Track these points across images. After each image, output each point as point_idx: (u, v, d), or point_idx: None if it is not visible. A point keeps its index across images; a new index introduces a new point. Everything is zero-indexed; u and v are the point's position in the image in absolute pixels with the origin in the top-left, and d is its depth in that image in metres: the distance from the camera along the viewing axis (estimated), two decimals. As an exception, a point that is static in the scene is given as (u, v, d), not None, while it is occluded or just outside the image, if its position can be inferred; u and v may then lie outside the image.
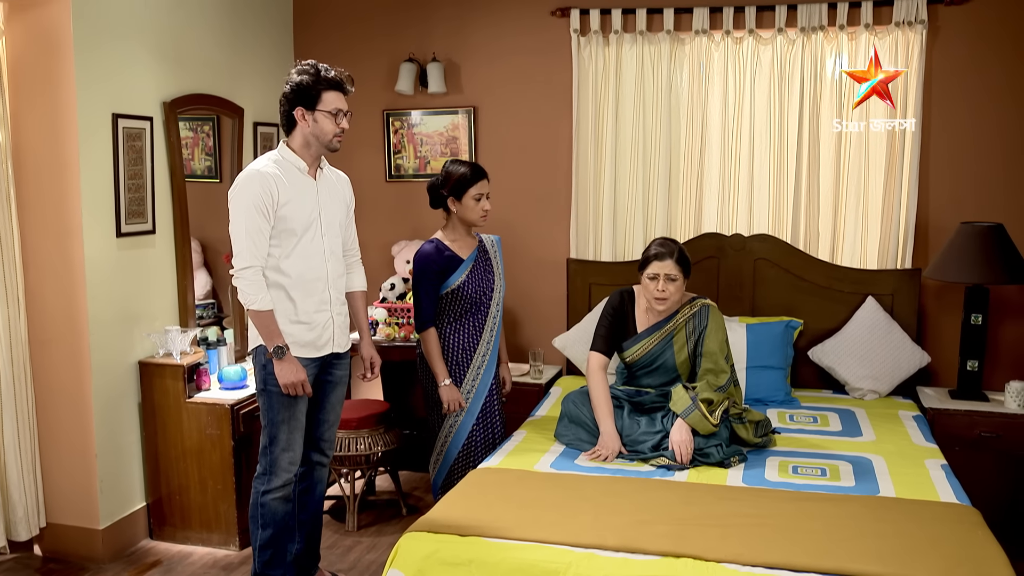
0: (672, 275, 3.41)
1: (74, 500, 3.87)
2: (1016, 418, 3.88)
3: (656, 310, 3.49)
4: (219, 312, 4.70)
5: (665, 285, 3.41)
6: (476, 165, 3.71)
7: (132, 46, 3.91)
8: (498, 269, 3.81)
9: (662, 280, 3.41)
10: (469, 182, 3.66)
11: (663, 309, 3.46)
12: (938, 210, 4.37)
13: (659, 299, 3.43)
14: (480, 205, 3.68)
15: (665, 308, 3.46)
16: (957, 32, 4.27)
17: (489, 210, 3.70)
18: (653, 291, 3.43)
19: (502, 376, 3.94)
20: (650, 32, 4.59)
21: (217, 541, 4.00)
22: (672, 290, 3.42)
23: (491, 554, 2.59)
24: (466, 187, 3.67)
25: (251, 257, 3.10)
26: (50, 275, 3.77)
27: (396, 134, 5.07)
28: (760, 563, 2.47)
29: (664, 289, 3.41)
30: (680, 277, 3.42)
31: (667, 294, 3.42)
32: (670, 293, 3.42)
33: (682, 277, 3.43)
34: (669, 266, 3.40)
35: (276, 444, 3.25)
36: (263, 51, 4.86)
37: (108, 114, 3.78)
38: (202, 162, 4.58)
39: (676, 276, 3.41)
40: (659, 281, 3.41)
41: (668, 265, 3.40)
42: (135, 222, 3.95)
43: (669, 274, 3.40)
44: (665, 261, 3.41)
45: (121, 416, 3.95)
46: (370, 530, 4.22)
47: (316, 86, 3.16)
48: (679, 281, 3.42)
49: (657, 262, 3.42)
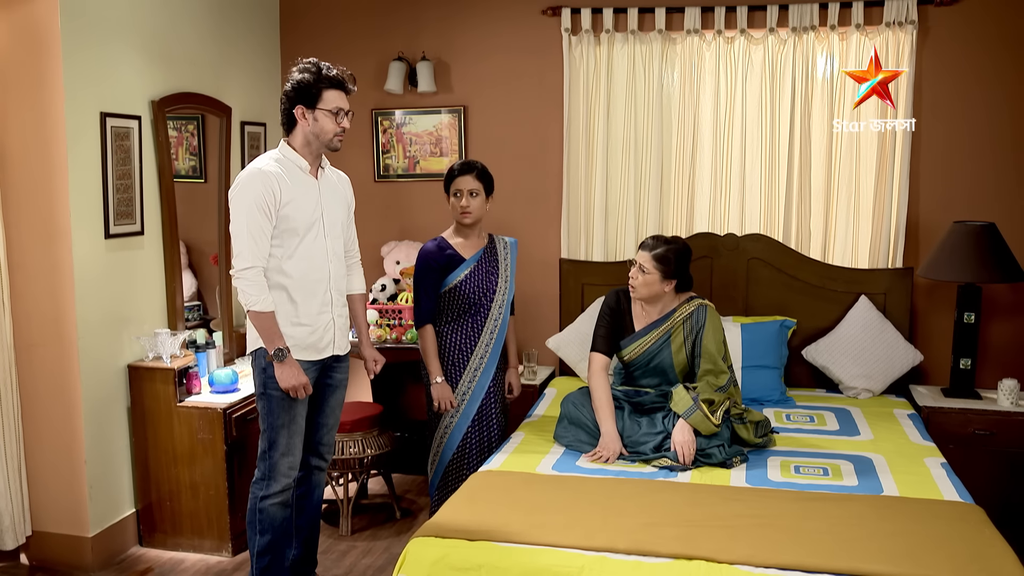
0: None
1: (62, 507, 3.79)
2: (1009, 416, 3.91)
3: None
4: (204, 314, 4.63)
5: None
6: (465, 162, 3.69)
7: (119, 43, 3.84)
8: (505, 272, 3.75)
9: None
10: (451, 177, 3.66)
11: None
12: (928, 209, 4.40)
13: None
14: (458, 202, 3.64)
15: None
16: (947, 32, 4.30)
17: (467, 208, 3.63)
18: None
19: (508, 381, 3.90)
20: (641, 31, 4.58)
21: (209, 547, 3.93)
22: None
23: (501, 558, 2.55)
24: (449, 183, 3.66)
25: (253, 257, 3.05)
26: (37, 278, 3.69)
27: (385, 134, 5.02)
28: (772, 564, 2.46)
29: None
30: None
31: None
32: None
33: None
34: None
35: (275, 449, 3.19)
36: (250, 50, 4.79)
37: (96, 113, 3.71)
38: (186, 162, 4.51)
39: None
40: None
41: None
42: (123, 223, 3.87)
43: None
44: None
45: (110, 421, 3.87)
46: (364, 534, 4.17)
47: (317, 84, 3.12)
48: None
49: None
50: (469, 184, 3.62)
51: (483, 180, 3.66)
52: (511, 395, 3.91)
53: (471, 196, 3.62)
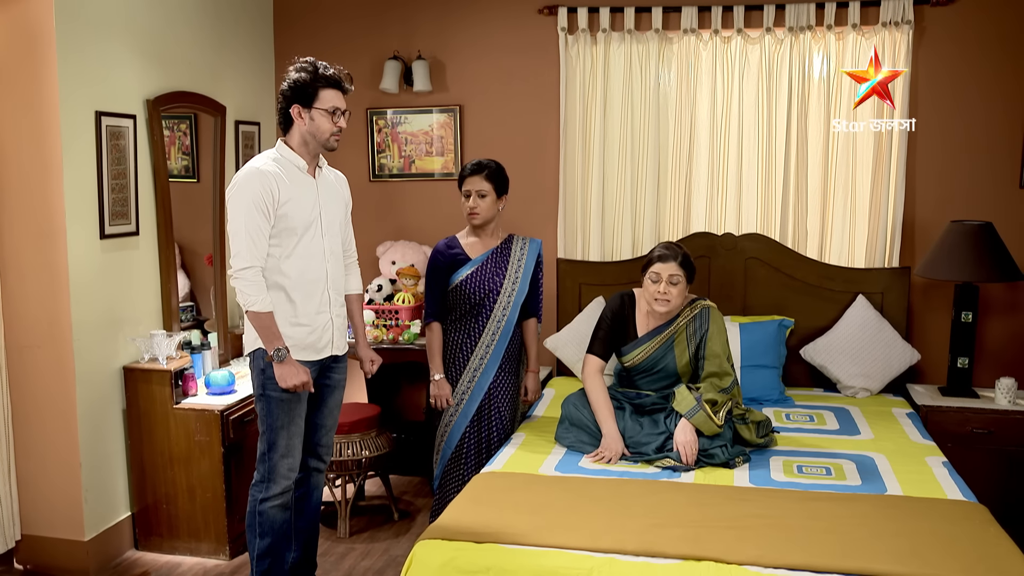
0: (675, 277, 3.39)
1: (57, 511, 3.74)
2: (1007, 414, 3.93)
3: (656, 312, 3.46)
4: (197, 315, 4.59)
5: (667, 288, 3.39)
6: (476, 162, 3.65)
7: (114, 42, 3.79)
8: (515, 273, 3.69)
9: (664, 282, 3.39)
10: (461, 178, 3.65)
11: (664, 311, 3.44)
12: (925, 209, 4.41)
13: (661, 300, 3.41)
14: (467, 203, 3.62)
15: (667, 310, 3.44)
16: (943, 32, 4.32)
17: (475, 209, 3.61)
18: (654, 293, 3.41)
19: (525, 384, 3.87)
20: (638, 31, 4.57)
21: (206, 551, 3.89)
22: (675, 293, 3.40)
23: (509, 561, 2.53)
24: (460, 183, 3.64)
25: (251, 257, 3.02)
26: (31, 279, 3.64)
27: (380, 133, 4.99)
28: (782, 565, 2.45)
29: (666, 291, 3.39)
30: (683, 280, 3.40)
31: (669, 296, 3.40)
32: (672, 296, 3.40)
33: (685, 280, 3.41)
34: (672, 268, 3.38)
35: (275, 450, 3.16)
36: (244, 49, 4.75)
37: (91, 112, 3.66)
38: (179, 161, 4.46)
39: (679, 279, 3.39)
40: (661, 283, 3.39)
41: (672, 267, 3.38)
42: (119, 223, 3.83)
43: (672, 275, 3.38)
44: (669, 263, 3.39)
45: (105, 423, 3.82)
46: (362, 536, 4.14)
47: (314, 84, 3.09)
48: (681, 284, 3.40)
49: (660, 263, 3.40)
50: (477, 185, 3.60)
51: (493, 181, 3.63)
52: (526, 399, 3.88)
53: (479, 197, 3.60)
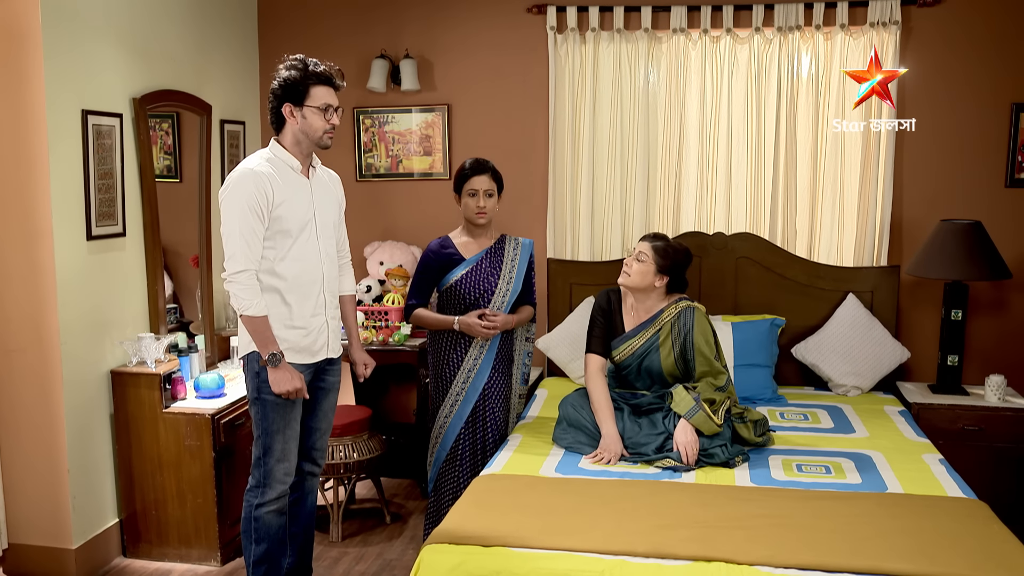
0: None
1: (43, 518, 3.66)
2: (997, 411, 3.97)
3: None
4: (181, 317, 4.51)
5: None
6: (478, 161, 3.61)
7: (100, 40, 3.72)
8: (509, 274, 3.67)
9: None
10: (464, 177, 3.59)
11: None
12: (913, 208, 4.45)
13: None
14: (473, 201, 3.58)
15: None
16: (931, 32, 4.35)
17: (484, 208, 3.57)
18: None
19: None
20: (627, 30, 4.56)
21: (197, 557, 3.83)
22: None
23: (519, 564, 2.51)
24: (461, 183, 3.59)
25: (245, 260, 2.96)
26: (16, 281, 3.55)
27: (367, 132, 4.94)
28: (792, 564, 2.45)
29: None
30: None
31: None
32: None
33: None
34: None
35: (271, 455, 3.11)
36: (229, 48, 4.68)
37: (77, 111, 3.58)
38: (161, 161, 4.38)
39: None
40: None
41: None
42: (105, 224, 3.75)
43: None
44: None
45: (93, 428, 3.75)
46: (355, 540, 4.09)
47: (304, 81, 3.04)
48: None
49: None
50: (485, 184, 3.57)
51: (497, 179, 3.61)
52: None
53: (487, 196, 3.57)
